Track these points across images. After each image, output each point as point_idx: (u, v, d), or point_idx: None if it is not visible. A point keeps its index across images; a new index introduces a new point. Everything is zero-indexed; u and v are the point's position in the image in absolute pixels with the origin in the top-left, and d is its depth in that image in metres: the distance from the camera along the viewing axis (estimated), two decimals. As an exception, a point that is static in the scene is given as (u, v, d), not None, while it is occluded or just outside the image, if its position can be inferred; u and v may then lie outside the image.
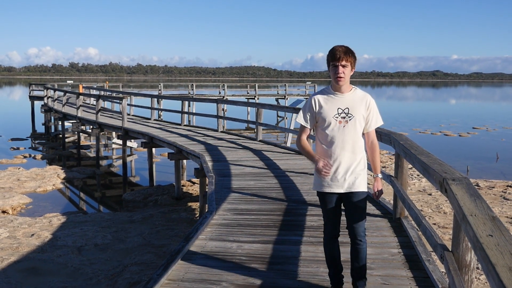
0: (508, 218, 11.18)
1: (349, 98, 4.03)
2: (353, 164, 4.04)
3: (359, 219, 4.12)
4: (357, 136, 4.04)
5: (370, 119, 4.10)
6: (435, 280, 4.47)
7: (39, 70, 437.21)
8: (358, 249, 4.17)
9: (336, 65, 3.91)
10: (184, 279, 4.70)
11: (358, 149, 4.05)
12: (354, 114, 4.00)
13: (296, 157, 12.05)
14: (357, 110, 4.01)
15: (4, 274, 7.93)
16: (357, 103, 4.03)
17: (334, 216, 4.22)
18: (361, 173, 4.09)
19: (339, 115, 3.99)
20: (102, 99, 21.38)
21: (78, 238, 9.75)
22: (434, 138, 29.90)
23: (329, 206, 4.17)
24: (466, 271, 3.40)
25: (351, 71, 3.99)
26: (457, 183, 3.42)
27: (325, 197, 4.17)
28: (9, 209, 12.76)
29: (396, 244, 5.65)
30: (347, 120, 3.99)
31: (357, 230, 4.13)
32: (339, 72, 3.91)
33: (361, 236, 4.15)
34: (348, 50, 3.94)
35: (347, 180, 4.03)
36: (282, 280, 4.69)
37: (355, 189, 4.06)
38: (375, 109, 4.12)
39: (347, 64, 3.92)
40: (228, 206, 7.53)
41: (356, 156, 4.05)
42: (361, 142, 4.09)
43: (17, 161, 20.63)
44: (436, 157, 4.50)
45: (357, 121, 4.01)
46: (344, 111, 4.00)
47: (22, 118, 39.16)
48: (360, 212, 4.13)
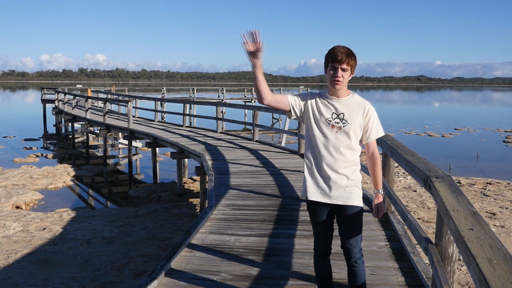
0: (488, 213, 11.20)
1: (346, 103, 3.36)
2: (345, 174, 3.38)
3: (353, 238, 3.45)
4: (351, 145, 3.36)
5: (369, 129, 3.40)
6: (420, 271, 4.47)
7: (50, 75, 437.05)
8: (354, 272, 3.51)
9: (335, 67, 3.24)
10: (185, 269, 4.69)
11: (351, 158, 3.39)
12: (349, 121, 3.33)
13: (290, 156, 12.05)
14: (353, 117, 3.34)
15: (18, 265, 7.91)
16: (354, 109, 3.36)
17: (324, 230, 3.56)
18: (354, 185, 3.41)
19: (332, 119, 3.34)
20: (109, 102, 21.32)
21: (87, 232, 9.73)
22: (418, 138, 29.93)
23: (319, 219, 3.52)
24: (448, 263, 3.40)
25: (350, 75, 3.32)
26: (440, 180, 3.42)
27: (314, 208, 3.52)
28: (22, 205, 12.74)
29: (383, 237, 5.65)
30: (340, 126, 3.33)
31: (352, 251, 3.47)
32: (337, 76, 3.24)
33: (357, 257, 3.48)
34: (350, 53, 3.26)
35: (339, 191, 3.37)
36: (277, 271, 4.68)
37: (349, 202, 3.39)
38: (375, 117, 3.42)
39: (347, 68, 3.25)
40: (226, 202, 7.52)
41: (347, 165, 3.38)
42: (355, 151, 3.41)
43: (30, 160, 20.58)
44: (421, 156, 4.49)
45: (351, 128, 3.33)
46: (339, 116, 3.34)
47: (34, 120, 39.05)
48: (354, 229, 3.45)
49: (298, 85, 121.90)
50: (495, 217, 10.81)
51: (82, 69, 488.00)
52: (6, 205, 12.33)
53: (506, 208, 11.63)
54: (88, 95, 27.57)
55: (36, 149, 24.49)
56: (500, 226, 10.12)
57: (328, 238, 3.60)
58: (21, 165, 18.80)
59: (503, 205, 12.03)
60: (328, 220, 3.53)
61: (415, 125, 37.98)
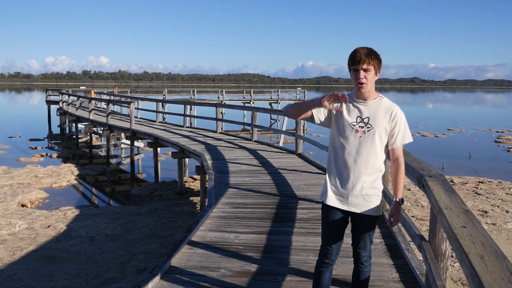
0: (480, 211, 11.20)
1: (373, 107, 3.14)
2: (366, 181, 3.16)
3: (365, 244, 3.34)
4: (375, 151, 3.15)
5: (395, 134, 3.17)
6: (414, 267, 4.47)
7: (55, 77, 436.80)
8: (360, 272, 3.42)
9: (357, 69, 3.06)
10: (186, 266, 4.69)
11: (374, 165, 3.16)
12: (374, 125, 3.12)
13: (287, 156, 12.05)
14: (379, 121, 3.13)
15: (23, 261, 7.90)
16: (381, 113, 3.14)
17: (333, 237, 3.33)
18: (374, 194, 3.20)
19: (357, 123, 3.14)
20: (112, 103, 21.31)
21: (90, 229, 9.72)
22: (412, 138, 29.90)
23: (331, 223, 3.30)
24: (441, 259, 3.40)
25: (375, 75, 3.12)
26: (434, 179, 3.42)
27: (329, 212, 3.29)
28: (27, 203, 12.71)
29: (379, 235, 5.65)
30: (364, 130, 3.12)
31: (361, 254, 3.37)
32: (360, 77, 3.05)
33: (364, 260, 3.38)
34: (370, 52, 3.07)
35: (358, 199, 3.18)
36: (275, 267, 4.68)
37: (367, 212, 3.21)
38: (403, 122, 3.19)
39: (369, 68, 3.06)
40: (226, 200, 7.51)
41: (370, 172, 3.16)
42: (379, 158, 3.18)
43: (35, 159, 20.54)
44: (415, 156, 4.49)
45: (376, 133, 3.12)
46: (364, 120, 3.13)
47: (39, 121, 39.04)
48: (367, 236, 3.33)
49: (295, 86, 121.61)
50: (487, 215, 10.82)
51: (86, 71, 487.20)
52: (12, 203, 12.31)
53: (498, 206, 11.64)
54: (91, 97, 27.54)
55: (41, 149, 24.45)
56: (491, 224, 10.13)
57: (335, 242, 3.34)
58: (26, 164, 18.77)
59: (495, 203, 12.03)
60: (340, 227, 3.31)
61: (410, 126, 37.56)
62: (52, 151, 23.80)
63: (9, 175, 15.90)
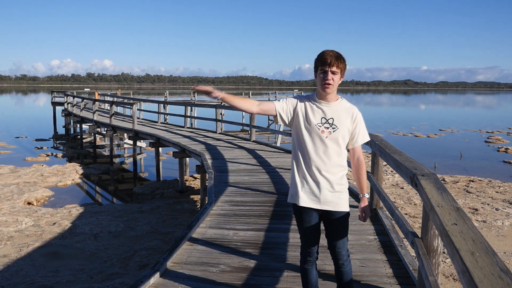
0: (471, 209, 11.21)
1: (335, 108, 3.17)
2: (334, 179, 3.19)
3: (341, 241, 3.30)
4: (340, 150, 3.19)
5: (356, 134, 3.22)
6: (407, 263, 4.47)
7: (60, 80, 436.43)
8: (342, 272, 3.36)
9: (325, 70, 3.06)
10: (187, 262, 4.69)
11: (341, 163, 3.21)
12: (338, 126, 3.15)
13: (285, 155, 12.05)
14: (342, 122, 3.16)
15: (29, 257, 7.89)
16: (343, 114, 3.17)
17: (313, 235, 3.33)
18: (342, 190, 3.24)
19: (322, 124, 3.15)
20: (115, 104, 21.28)
21: (94, 227, 9.71)
22: (405, 138, 29.94)
23: (307, 224, 3.29)
24: (433, 255, 3.40)
25: (340, 79, 3.13)
26: (426, 178, 3.41)
27: (301, 213, 3.28)
28: (34, 201, 12.70)
29: (373, 232, 5.65)
30: (330, 131, 3.14)
31: (339, 253, 3.31)
32: (328, 79, 3.05)
33: (344, 259, 3.33)
34: (339, 56, 3.08)
35: (329, 197, 3.19)
36: (273, 263, 4.68)
37: (338, 208, 3.22)
38: (362, 123, 3.25)
39: (337, 71, 3.07)
40: (225, 198, 7.51)
41: (337, 171, 3.21)
42: (343, 156, 3.24)
43: (40, 159, 20.52)
44: (407, 156, 4.49)
45: (340, 133, 3.15)
46: (328, 121, 3.15)
47: (45, 122, 39.01)
48: (342, 232, 3.30)
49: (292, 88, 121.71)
50: (477, 213, 10.82)
51: (90, 73, 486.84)
52: (18, 201, 12.29)
53: (488, 204, 11.65)
54: (95, 98, 27.52)
55: (46, 148, 24.42)
56: (482, 221, 10.14)
57: (316, 242, 3.36)
58: (32, 164, 18.76)
59: (485, 201, 12.04)
60: (317, 226, 3.32)
61: (402, 126, 37.99)
62: (57, 151, 23.77)
63: (16, 174, 15.88)
